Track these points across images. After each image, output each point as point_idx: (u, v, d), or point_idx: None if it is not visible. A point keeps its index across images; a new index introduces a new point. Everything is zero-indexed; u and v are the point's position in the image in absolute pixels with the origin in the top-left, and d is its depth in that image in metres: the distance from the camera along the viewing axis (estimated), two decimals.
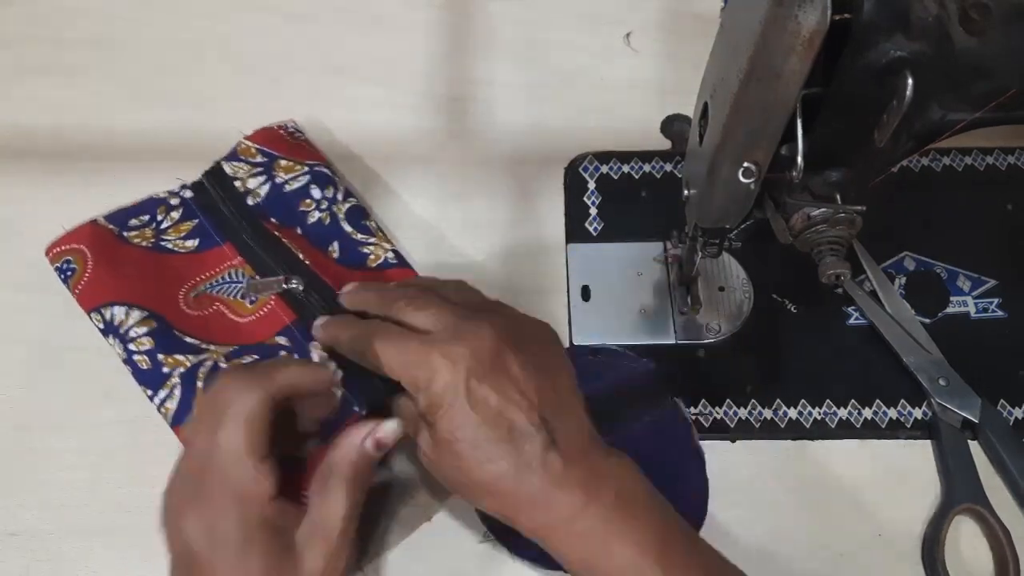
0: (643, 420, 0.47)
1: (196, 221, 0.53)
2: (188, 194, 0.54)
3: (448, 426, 0.37)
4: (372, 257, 0.52)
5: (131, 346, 0.47)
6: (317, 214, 0.53)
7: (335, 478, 0.39)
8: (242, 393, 0.37)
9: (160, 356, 0.47)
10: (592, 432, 0.40)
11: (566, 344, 0.52)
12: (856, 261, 0.53)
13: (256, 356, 0.48)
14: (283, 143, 0.55)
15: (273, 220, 0.53)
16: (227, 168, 0.54)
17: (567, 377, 0.41)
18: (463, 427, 0.37)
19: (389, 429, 0.41)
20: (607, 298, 0.53)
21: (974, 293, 0.53)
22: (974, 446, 0.48)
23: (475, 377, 0.37)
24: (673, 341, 0.52)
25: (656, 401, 0.48)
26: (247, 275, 0.51)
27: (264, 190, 0.53)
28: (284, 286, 0.49)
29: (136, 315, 0.48)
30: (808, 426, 0.49)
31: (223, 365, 0.47)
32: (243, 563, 0.36)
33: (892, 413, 0.50)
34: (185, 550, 0.37)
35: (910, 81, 0.32)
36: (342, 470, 0.39)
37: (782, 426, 0.49)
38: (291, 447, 0.42)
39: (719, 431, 0.49)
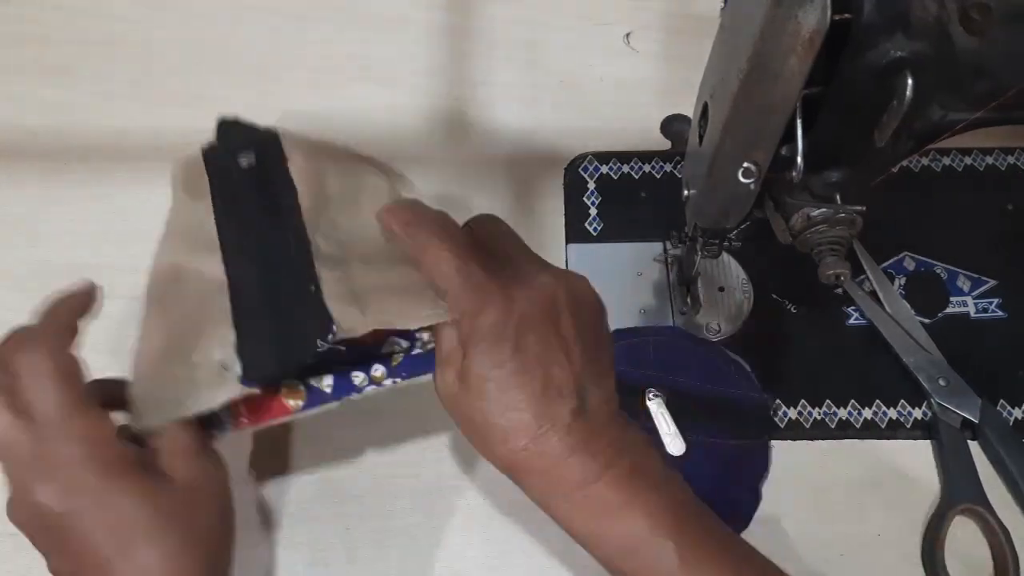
0: (730, 442, 0.47)
1: None
2: None
3: (484, 362, 0.36)
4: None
5: None
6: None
7: None
8: (33, 354, 0.35)
9: None
10: (617, 405, 0.39)
11: None
12: (856, 261, 0.53)
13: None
14: None
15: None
16: None
17: (608, 351, 0.40)
18: (500, 366, 0.36)
19: None
20: (607, 298, 0.52)
21: (974, 293, 0.53)
22: (974, 446, 0.48)
23: (527, 323, 0.36)
24: None
25: (753, 432, 0.48)
26: None
27: None
28: None
29: None
30: (808, 426, 0.49)
31: None
32: (109, 502, 0.34)
33: (892, 413, 0.50)
34: (45, 523, 0.35)
35: (910, 81, 0.32)
36: None
37: (782, 426, 0.49)
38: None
39: None
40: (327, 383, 0.41)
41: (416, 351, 0.42)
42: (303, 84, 0.62)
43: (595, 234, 0.56)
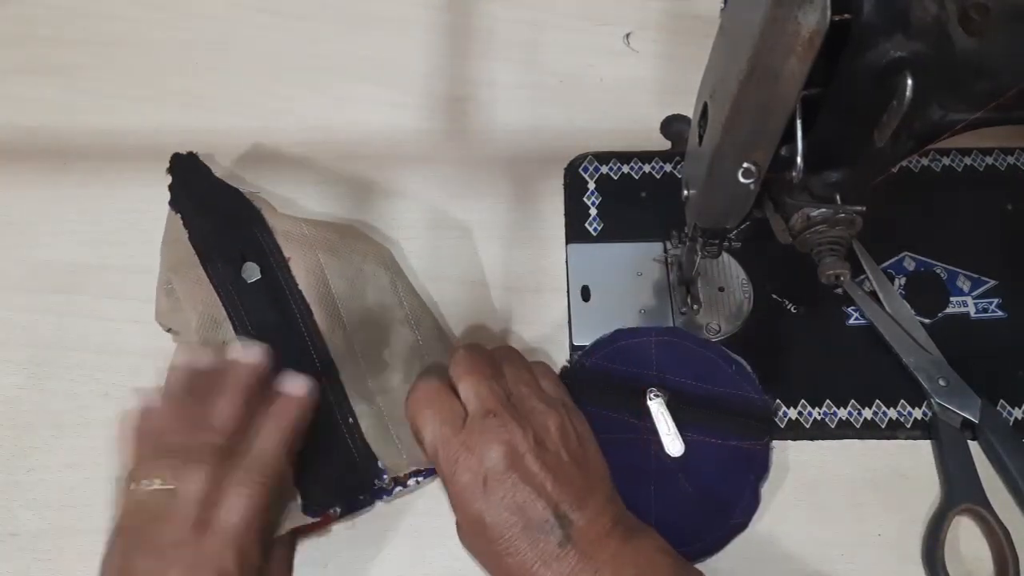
0: (730, 443, 0.47)
1: None
2: None
3: (471, 517, 0.40)
4: None
5: None
6: None
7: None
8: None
9: None
10: (616, 515, 0.41)
11: (564, 346, 0.52)
12: (856, 261, 0.53)
13: None
14: None
15: None
16: None
17: (591, 464, 0.43)
18: (486, 517, 0.40)
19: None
20: (607, 298, 0.53)
21: (974, 293, 0.53)
22: (974, 446, 0.48)
23: (495, 475, 0.40)
24: None
25: (753, 433, 0.48)
26: None
27: None
28: None
29: None
30: (808, 426, 0.49)
31: None
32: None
33: (892, 413, 0.50)
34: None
35: (910, 81, 0.32)
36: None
37: (782, 426, 0.49)
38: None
39: None
40: (360, 495, 0.47)
41: None
42: (303, 84, 0.62)
43: (595, 234, 0.56)
